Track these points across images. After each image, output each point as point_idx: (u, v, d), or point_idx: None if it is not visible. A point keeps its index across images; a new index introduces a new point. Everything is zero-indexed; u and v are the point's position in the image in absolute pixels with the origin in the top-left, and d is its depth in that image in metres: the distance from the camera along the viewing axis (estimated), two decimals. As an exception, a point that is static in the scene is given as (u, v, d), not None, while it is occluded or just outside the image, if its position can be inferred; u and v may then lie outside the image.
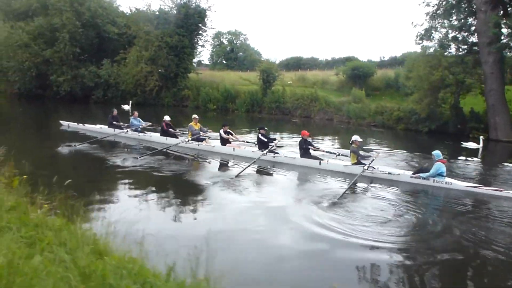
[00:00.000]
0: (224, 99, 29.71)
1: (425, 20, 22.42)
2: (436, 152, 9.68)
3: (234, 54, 62.79)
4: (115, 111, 15.47)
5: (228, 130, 12.83)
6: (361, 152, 10.64)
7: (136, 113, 15.21)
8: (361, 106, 24.93)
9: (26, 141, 14.09)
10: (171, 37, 30.19)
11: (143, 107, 29.94)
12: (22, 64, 29.31)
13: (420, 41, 22.49)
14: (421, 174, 9.69)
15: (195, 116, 13.59)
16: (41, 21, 29.54)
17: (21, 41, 28.88)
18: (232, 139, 12.82)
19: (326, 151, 11.83)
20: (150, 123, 15.29)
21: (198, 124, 13.47)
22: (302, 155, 11.38)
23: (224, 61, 62.40)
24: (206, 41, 32.53)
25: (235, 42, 64.62)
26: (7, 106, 29.26)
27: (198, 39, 32.74)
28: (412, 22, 33.06)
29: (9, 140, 12.84)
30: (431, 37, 22.27)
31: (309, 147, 11.43)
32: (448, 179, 9.51)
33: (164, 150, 12.21)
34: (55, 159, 11.43)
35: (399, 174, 10.00)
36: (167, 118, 13.90)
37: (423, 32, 22.35)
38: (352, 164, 10.59)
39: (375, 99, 26.94)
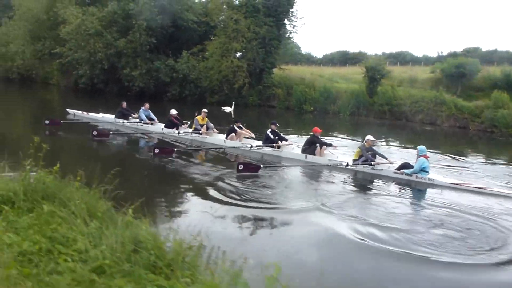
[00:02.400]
0: (324, 99, 25.67)
1: None
2: (421, 147, 9.59)
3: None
4: (124, 104, 15.49)
5: (240, 125, 12.66)
6: (368, 153, 10.23)
7: (147, 105, 14.82)
8: (508, 112, 20.93)
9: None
10: (260, 27, 26.19)
11: (224, 105, 26.11)
12: (94, 55, 25.36)
13: None
14: (405, 170, 9.63)
15: (204, 110, 13.34)
16: (115, 6, 25.54)
17: (93, 29, 24.91)
18: (242, 133, 12.42)
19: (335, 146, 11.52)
20: (157, 121, 14.68)
21: (206, 119, 13.12)
22: (303, 151, 11.15)
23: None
24: (295, 32, 28.31)
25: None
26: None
27: (285, 30, 28.70)
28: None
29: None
30: None
31: (317, 145, 11.05)
32: (431, 176, 9.41)
33: (148, 135, 13.22)
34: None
35: (382, 169, 9.99)
36: (173, 111, 13.72)
37: None
38: (353, 160, 10.43)
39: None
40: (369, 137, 10.35)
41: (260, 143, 11.81)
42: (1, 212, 3.87)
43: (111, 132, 12.57)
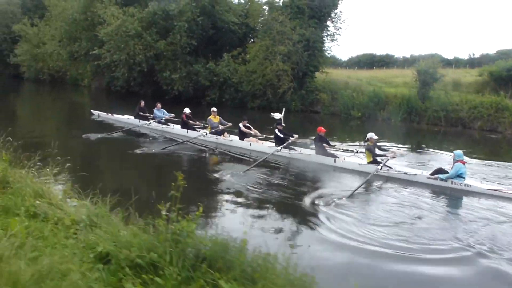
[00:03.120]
0: (374, 105, 24.34)
1: None
2: (458, 152, 9.23)
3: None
4: (142, 103, 15.79)
5: (247, 124, 12.88)
6: (376, 151, 10.22)
7: (159, 105, 15.32)
8: None
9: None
10: (305, 29, 25.03)
11: (265, 111, 25.01)
12: (133, 57, 24.55)
13: None
14: (440, 175, 9.22)
15: (213, 109, 13.78)
16: (155, 7, 24.68)
17: (134, 30, 24.09)
18: (251, 133, 12.77)
19: (342, 149, 11.82)
20: (173, 115, 15.44)
21: (218, 117, 13.57)
22: (317, 152, 11.27)
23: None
24: (338, 34, 27.07)
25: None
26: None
27: (328, 31, 27.50)
28: None
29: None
30: None
31: (324, 144, 11.30)
32: (467, 181, 9.01)
33: (185, 142, 12.76)
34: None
35: (415, 174, 9.69)
36: (187, 110, 14.20)
37: None
38: (368, 162, 10.24)
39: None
40: (372, 135, 10.27)
41: (273, 145, 12.07)
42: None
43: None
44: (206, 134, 13.17)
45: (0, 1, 42.06)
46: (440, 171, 9.41)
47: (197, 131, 13.80)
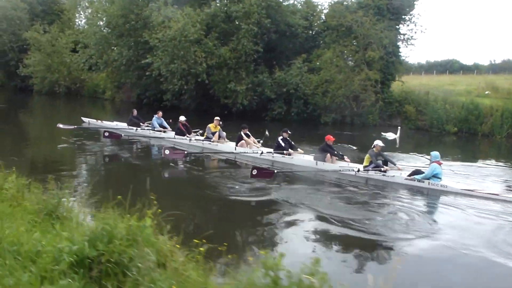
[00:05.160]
0: (474, 118, 21.11)
1: None
2: (434, 153, 9.40)
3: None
4: (135, 112, 15.61)
5: (247, 132, 12.51)
6: (378, 159, 9.92)
7: (160, 113, 15.05)
8: None
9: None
10: (388, 32, 21.81)
11: (340, 127, 21.62)
12: (194, 66, 20.78)
13: None
14: (416, 176, 9.42)
15: (217, 118, 13.22)
16: (216, 8, 21.07)
17: (196, 34, 20.36)
18: (249, 142, 12.27)
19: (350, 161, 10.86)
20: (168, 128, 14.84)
21: (218, 127, 13.02)
22: (316, 158, 10.83)
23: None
24: (414, 38, 23.91)
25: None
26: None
27: (403, 36, 24.34)
28: None
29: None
30: None
31: (328, 154, 10.71)
32: (443, 182, 9.18)
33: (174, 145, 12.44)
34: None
35: (393, 175, 9.73)
36: (182, 118, 13.72)
37: None
38: (364, 167, 10.04)
39: None
40: (378, 142, 10.11)
41: (270, 150, 11.70)
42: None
43: (122, 135, 12.88)
44: (190, 140, 13.00)
45: (6, 6, 37.53)
46: (417, 172, 9.59)
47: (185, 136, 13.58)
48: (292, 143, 11.66)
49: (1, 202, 4.53)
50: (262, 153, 11.37)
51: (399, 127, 18.10)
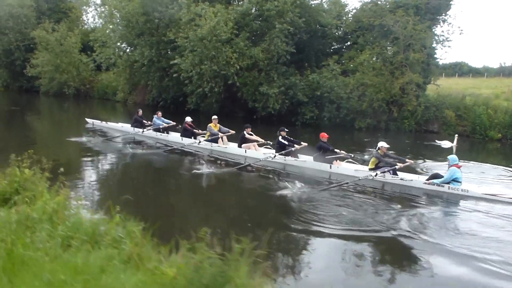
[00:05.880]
0: (522, 124, 20.00)
1: None
2: (452, 157, 9.28)
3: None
4: (140, 112, 15.65)
5: (251, 132, 12.45)
6: (386, 159, 9.83)
7: (159, 113, 15.20)
8: None
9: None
10: (424, 33, 20.65)
11: (373, 133, 20.46)
12: (225, 68, 19.47)
13: None
14: (435, 180, 9.15)
15: (214, 117, 13.37)
16: (248, 5, 19.80)
17: (228, 33, 19.05)
18: (256, 140, 12.29)
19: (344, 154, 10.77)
20: (174, 123, 14.95)
21: (218, 125, 13.17)
22: (315, 159, 10.90)
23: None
24: (449, 40, 22.76)
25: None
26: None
27: (437, 37, 23.18)
28: None
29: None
30: None
31: (325, 151, 10.76)
32: (464, 186, 8.90)
33: (179, 148, 12.89)
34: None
35: (411, 180, 9.46)
36: (188, 119, 13.86)
37: None
38: (369, 169, 9.94)
39: None
40: (383, 144, 9.99)
41: (273, 151, 11.68)
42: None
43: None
44: (200, 142, 12.91)
45: (12, 4, 35.96)
46: (436, 176, 9.36)
47: (191, 138, 13.56)
48: (292, 139, 11.53)
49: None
50: (275, 156, 11.18)
51: (456, 135, 16.92)
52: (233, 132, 13.13)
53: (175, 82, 22.44)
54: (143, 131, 14.70)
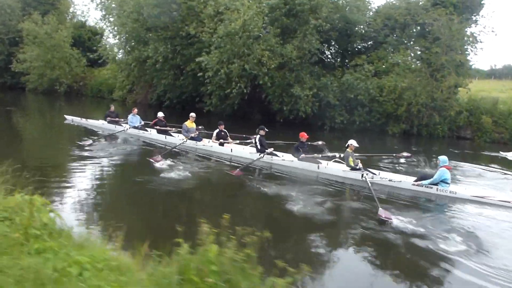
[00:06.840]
0: None
1: None
2: (442, 158, 9.08)
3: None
4: (112, 107, 15.59)
5: (224, 129, 12.56)
6: (353, 158, 10.05)
7: (135, 110, 14.83)
8: None
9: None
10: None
11: (405, 139, 19.24)
12: (256, 67, 17.64)
13: None
14: (423, 182, 9.10)
15: (192, 114, 13.28)
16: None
17: (260, 28, 17.23)
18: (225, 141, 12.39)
19: (322, 156, 10.88)
20: (143, 123, 14.70)
21: (194, 123, 13.07)
22: (300, 159, 10.70)
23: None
24: (481, 41, 21.70)
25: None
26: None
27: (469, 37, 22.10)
28: None
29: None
30: None
31: (302, 149, 10.72)
32: (452, 188, 8.96)
33: (174, 149, 12.24)
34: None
35: (400, 181, 9.49)
36: (160, 114, 13.94)
37: None
38: (351, 168, 9.97)
39: None
40: (352, 142, 10.09)
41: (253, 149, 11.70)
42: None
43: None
44: (186, 141, 12.69)
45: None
46: (424, 177, 9.31)
47: (172, 136, 13.56)
48: (265, 143, 11.35)
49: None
50: (262, 156, 10.93)
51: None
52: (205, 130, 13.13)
53: (190, 81, 20.41)
54: (126, 129, 14.25)
